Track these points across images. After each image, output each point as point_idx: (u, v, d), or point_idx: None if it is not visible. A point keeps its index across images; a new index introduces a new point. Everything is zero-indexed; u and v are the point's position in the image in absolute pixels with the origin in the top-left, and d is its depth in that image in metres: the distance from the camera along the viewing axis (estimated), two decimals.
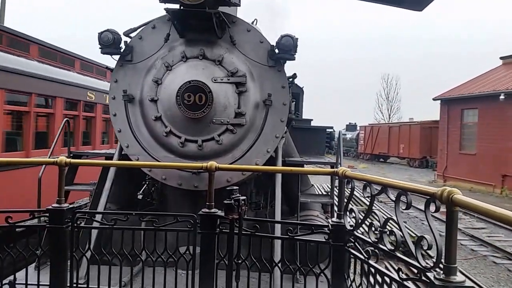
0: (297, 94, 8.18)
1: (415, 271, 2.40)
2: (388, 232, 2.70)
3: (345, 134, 48.22)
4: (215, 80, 4.76)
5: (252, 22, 5.74)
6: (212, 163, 3.39)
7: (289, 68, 5.11)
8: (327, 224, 3.36)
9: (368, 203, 2.79)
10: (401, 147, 36.67)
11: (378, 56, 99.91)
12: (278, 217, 4.53)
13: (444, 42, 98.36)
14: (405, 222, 13.10)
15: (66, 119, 5.76)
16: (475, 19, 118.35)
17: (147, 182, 5.29)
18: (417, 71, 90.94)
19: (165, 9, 4.65)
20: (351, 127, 52.06)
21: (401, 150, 36.81)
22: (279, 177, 4.85)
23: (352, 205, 3.21)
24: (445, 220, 2.14)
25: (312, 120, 8.13)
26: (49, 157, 4.86)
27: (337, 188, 4.14)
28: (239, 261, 3.30)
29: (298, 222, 4.63)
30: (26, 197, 6.63)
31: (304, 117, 8.74)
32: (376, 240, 2.78)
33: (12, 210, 3.48)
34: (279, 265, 3.49)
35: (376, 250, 2.82)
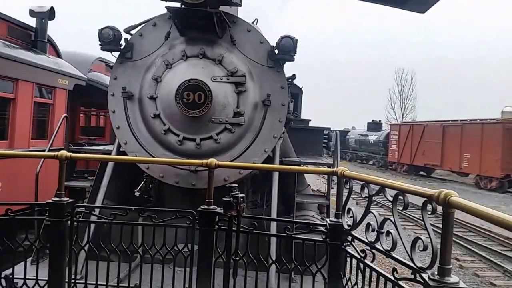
0: (296, 94, 8.22)
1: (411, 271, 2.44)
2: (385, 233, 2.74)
3: (367, 135, 38.46)
4: (214, 79, 4.78)
5: (253, 22, 5.77)
6: (212, 160, 3.42)
7: (288, 67, 5.14)
8: (324, 223, 3.40)
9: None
10: (465, 158, 24.80)
11: (377, 56, 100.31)
12: (274, 215, 4.57)
13: (444, 44, 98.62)
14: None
15: (64, 115, 5.68)
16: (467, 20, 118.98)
17: (144, 180, 5.29)
18: (416, 72, 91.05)
19: (166, 7, 4.67)
20: (374, 125, 39.45)
21: (464, 162, 24.89)
22: (276, 176, 4.89)
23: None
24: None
25: (310, 120, 8.17)
26: (48, 150, 4.85)
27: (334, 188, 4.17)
28: (237, 258, 3.33)
29: (296, 220, 4.66)
30: None
31: (305, 117, 8.77)
32: (372, 240, 2.82)
33: (12, 203, 3.48)
34: (276, 262, 3.52)
35: (373, 250, 2.86)
